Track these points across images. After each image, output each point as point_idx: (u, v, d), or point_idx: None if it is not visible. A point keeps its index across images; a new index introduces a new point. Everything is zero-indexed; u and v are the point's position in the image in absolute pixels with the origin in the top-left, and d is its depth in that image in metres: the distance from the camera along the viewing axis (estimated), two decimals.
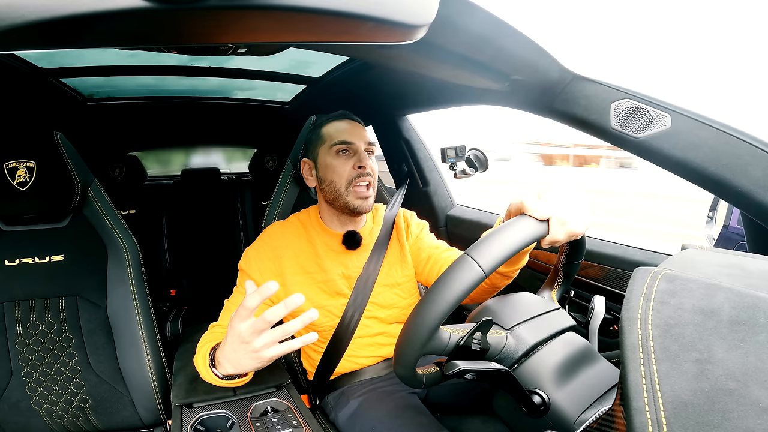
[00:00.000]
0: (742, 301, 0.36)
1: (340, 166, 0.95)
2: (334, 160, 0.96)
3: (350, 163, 0.95)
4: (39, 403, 1.01)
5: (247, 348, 0.69)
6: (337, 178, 0.95)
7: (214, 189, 2.38)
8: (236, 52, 0.78)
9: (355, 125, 0.99)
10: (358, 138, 0.96)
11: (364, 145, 0.97)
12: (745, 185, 0.60)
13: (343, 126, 0.98)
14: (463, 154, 1.35)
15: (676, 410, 0.34)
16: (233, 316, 0.69)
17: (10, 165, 0.96)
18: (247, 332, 0.67)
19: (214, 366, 0.79)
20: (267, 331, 0.68)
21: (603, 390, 0.58)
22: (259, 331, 0.67)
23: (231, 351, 0.72)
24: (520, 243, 0.56)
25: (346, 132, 0.97)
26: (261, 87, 1.66)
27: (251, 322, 0.67)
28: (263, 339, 0.68)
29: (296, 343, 0.69)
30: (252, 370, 0.76)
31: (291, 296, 0.65)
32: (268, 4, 0.37)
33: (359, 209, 0.96)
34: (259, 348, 0.68)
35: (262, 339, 0.68)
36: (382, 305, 1.02)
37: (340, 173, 0.95)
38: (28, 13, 0.33)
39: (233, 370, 0.75)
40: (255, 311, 0.67)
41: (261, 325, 0.66)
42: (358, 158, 0.95)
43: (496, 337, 0.61)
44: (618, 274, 0.98)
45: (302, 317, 0.66)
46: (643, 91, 0.67)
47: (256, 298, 0.65)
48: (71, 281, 1.05)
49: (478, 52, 0.68)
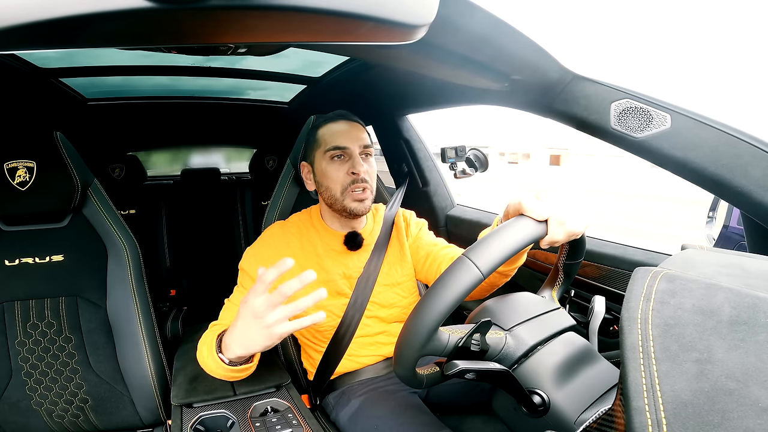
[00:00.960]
0: (742, 301, 0.36)
1: (334, 172, 0.95)
2: (328, 165, 0.95)
3: (344, 169, 0.94)
4: (39, 403, 1.01)
5: (260, 323, 0.70)
6: (332, 184, 0.95)
7: (214, 189, 2.38)
8: (236, 52, 0.78)
9: (352, 126, 0.97)
10: (352, 141, 0.95)
11: (358, 148, 0.95)
12: (745, 185, 0.60)
13: (339, 128, 0.96)
14: (463, 154, 1.35)
15: (676, 410, 0.34)
16: (248, 293, 0.70)
17: (10, 165, 0.96)
18: (262, 306, 0.68)
19: (221, 352, 0.79)
20: (280, 306, 0.69)
21: (603, 390, 0.58)
22: (273, 305, 0.68)
23: (242, 327, 0.73)
24: (519, 244, 0.56)
25: (340, 136, 0.95)
26: (261, 87, 1.65)
27: (266, 297, 0.68)
28: (276, 314, 0.69)
29: (306, 320, 0.70)
30: (261, 349, 0.75)
31: (305, 272, 0.67)
32: (268, 4, 0.37)
33: (356, 212, 0.96)
34: (272, 323, 0.69)
35: (276, 314, 0.69)
36: (383, 304, 1.02)
37: (334, 179, 0.95)
38: (28, 13, 0.33)
39: (242, 350, 0.75)
40: (270, 287, 0.68)
41: (276, 299, 0.68)
42: (351, 164, 0.94)
43: (495, 338, 0.61)
44: (618, 274, 0.98)
45: (313, 295, 0.68)
46: (642, 90, 0.67)
47: (273, 272, 0.67)
48: (71, 281, 1.05)
49: (478, 52, 0.68)
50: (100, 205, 1.09)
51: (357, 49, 0.77)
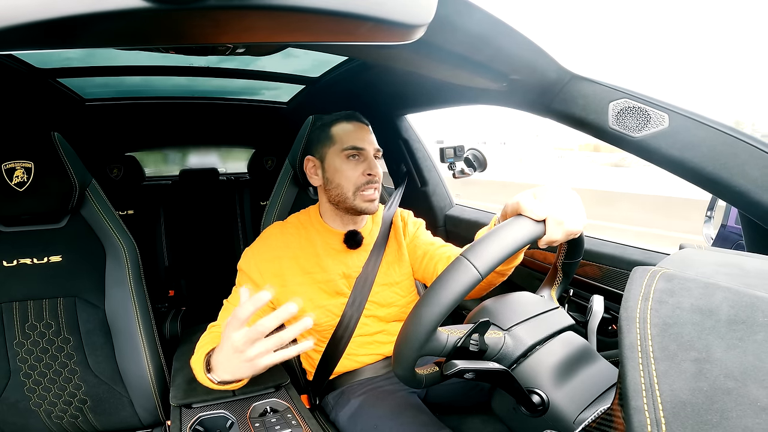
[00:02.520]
0: (740, 300, 0.36)
1: (349, 171, 0.95)
2: (344, 164, 0.96)
3: (360, 169, 0.95)
4: (38, 404, 1.01)
5: (241, 357, 0.68)
6: (346, 182, 0.95)
7: (212, 189, 2.38)
8: (234, 52, 0.77)
9: (365, 129, 0.99)
10: (368, 143, 0.97)
11: (373, 151, 0.98)
12: (742, 184, 0.60)
13: (354, 129, 0.98)
14: (461, 153, 1.35)
15: (675, 409, 0.34)
16: (226, 324, 0.68)
17: (8, 166, 0.95)
18: (240, 342, 0.67)
19: (210, 371, 0.79)
20: (261, 340, 0.67)
21: (602, 389, 0.58)
22: (252, 340, 0.67)
23: (225, 359, 0.72)
24: (517, 244, 0.56)
25: (357, 137, 0.97)
26: (259, 87, 1.65)
27: (244, 332, 0.66)
28: (257, 348, 0.67)
29: (292, 351, 0.69)
30: (248, 377, 0.75)
31: (284, 306, 0.64)
32: (266, 4, 0.37)
33: (366, 211, 0.97)
34: (253, 357, 0.68)
35: (256, 348, 0.67)
36: (381, 304, 1.02)
37: (349, 177, 0.95)
38: (26, 13, 0.33)
39: (229, 376, 0.75)
40: (248, 321, 0.66)
41: (254, 335, 0.66)
42: (368, 165, 0.96)
43: (493, 338, 0.61)
44: (616, 274, 0.98)
45: (296, 326, 0.66)
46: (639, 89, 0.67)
47: (249, 308, 0.65)
48: (69, 282, 1.04)
49: (477, 52, 0.68)
50: (99, 205, 1.09)
51: (355, 49, 0.77)
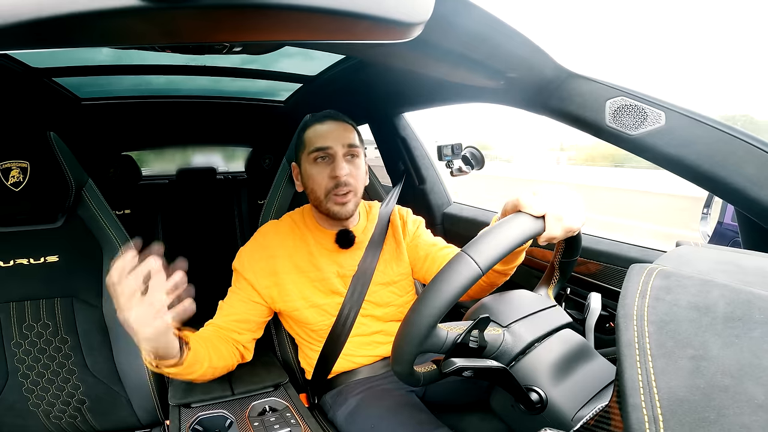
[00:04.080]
0: (737, 297, 0.36)
1: (317, 175, 0.94)
2: (312, 168, 0.94)
3: (326, 172, 0.93)
4: (36, 404, 1.01)
5: (131, 317, 0.65)
6: (317, 187, 0.94)
7: (209, 188, 2.37)
8: (231, 50, 0.77)
9: (338, 126, 0.95)
10: (335, 141, 0.93)
11: (342, 148, 0.93)
12: (739, 182, 0.60)
13: (324, 129, 0.95)
14: (459, 151, 1.35)
15: (672, 407, 0.34)
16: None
17: (4, 165, 0.95)
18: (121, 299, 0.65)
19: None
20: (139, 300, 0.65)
21: (600, 387, 0.58)
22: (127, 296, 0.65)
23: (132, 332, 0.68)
24: (517, 240, 0.57)
25: (323, 136, 0.93)
26: (256, 86, 1.65)
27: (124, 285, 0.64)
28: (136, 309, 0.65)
29: (168, 314, 0.67)
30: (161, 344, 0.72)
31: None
32: (264, 3, 0.37)
33: (338, 215, 0.95)
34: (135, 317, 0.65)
35: (135, 309, 0.65)
36: (378, 303, 1.02)
37: (318, 182, 0.94)
38: (22, 12, 0.32)
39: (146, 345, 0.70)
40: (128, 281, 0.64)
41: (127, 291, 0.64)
42: (332, 167, 0.92)
43: (493, 335, 0.61)
44: (614, 271, 0.99)
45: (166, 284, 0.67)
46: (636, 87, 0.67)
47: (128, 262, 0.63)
48: (66, 282, 1.04)
49: (474, 49, 0.68)
50: (95, 205, 1.08)
51: (353, 48, 0.77)
